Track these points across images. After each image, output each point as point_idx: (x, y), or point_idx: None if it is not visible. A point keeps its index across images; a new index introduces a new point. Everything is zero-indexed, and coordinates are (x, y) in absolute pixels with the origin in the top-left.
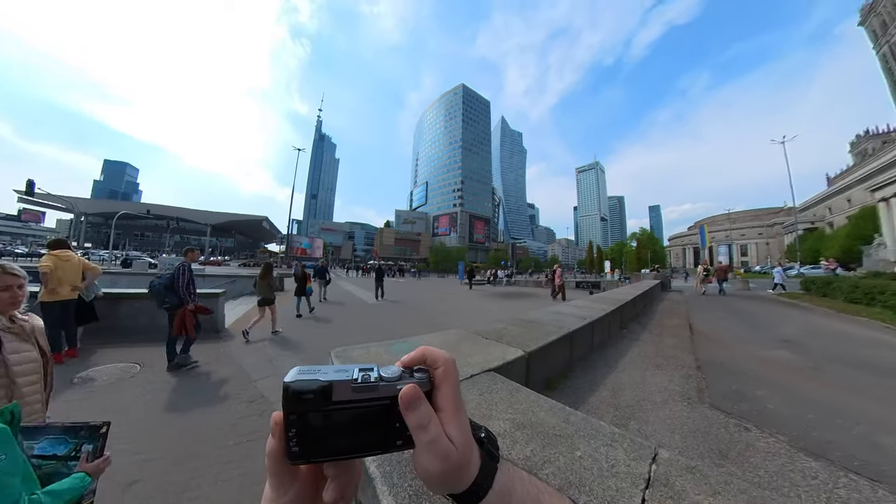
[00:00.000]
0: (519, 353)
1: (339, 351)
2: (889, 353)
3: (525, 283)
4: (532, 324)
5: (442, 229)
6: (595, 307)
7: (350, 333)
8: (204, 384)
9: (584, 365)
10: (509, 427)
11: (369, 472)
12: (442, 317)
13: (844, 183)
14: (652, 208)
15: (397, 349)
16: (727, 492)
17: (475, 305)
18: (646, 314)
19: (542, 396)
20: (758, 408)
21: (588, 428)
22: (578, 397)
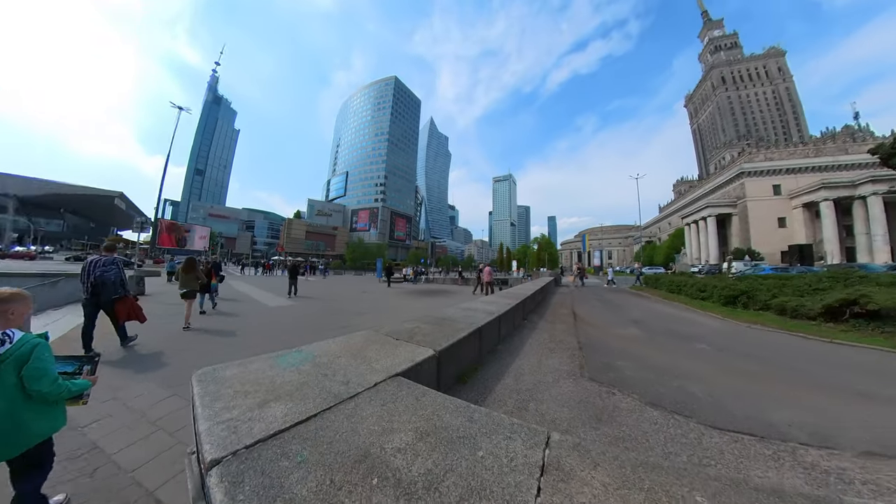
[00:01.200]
0: (429, 352)
1: (205, 373)
2: (687, 324)
3: (443, 280)
4: (445, 321)
5: (361, 224)
6: (502, 302)
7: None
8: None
9: (492, 356)
10: (412, 438)
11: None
12: (356, 317)
13: (667, 211)
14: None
15: (287, 362)
16: (604, 461)
17: (393, 304)
18: (543, 306)
19: (448, 397)
20: (620, 375)
21: (490, 423)
22: (486, 387)
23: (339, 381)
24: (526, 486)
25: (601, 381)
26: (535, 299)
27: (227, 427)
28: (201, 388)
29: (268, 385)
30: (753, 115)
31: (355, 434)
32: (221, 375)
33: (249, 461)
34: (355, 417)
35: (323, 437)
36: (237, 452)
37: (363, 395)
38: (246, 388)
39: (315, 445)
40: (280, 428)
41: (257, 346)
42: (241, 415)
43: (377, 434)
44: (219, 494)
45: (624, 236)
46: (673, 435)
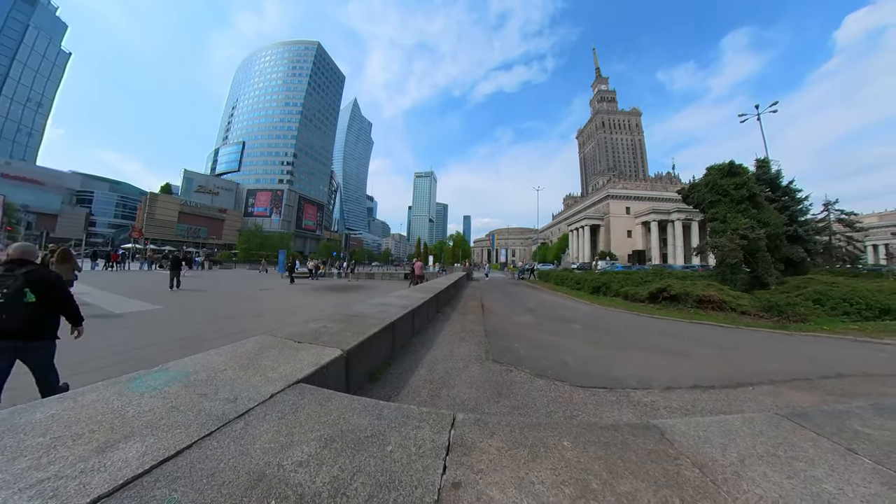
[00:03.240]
0: (336, 352)
1: (9, 414)
2: (568, 310)
3: (357, 275)
4: (356, 318)
5: (260, 208)
6: (416, 296)
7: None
8: None
9: (406, 350)
10: (316, 448)
11: None
12: (252, 320)
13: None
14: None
15: (145, 385)
16: (499, 429)
17: (299, 303)
18: (456, 299)
19: (357, 398)
20: (516, 356)
21: (399, 417)
22: (401, 381)
23: (223, 400)
24: (433, 467)
25: (502, 362)
26: (448, 293)
27: (38, 493)
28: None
29: (112, 421)
30: (619, 153)
31: (245, 457)
32: (25, 421)
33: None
34: (245, 438)
35: (202, 469)
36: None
37: (255, 410)
38: (73, 432)
39: (191, 482)
40: (135, 473)
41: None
42: (66, 470)
43: (274, 452)
44: None
45: (525, 237)
46: (553, 398)
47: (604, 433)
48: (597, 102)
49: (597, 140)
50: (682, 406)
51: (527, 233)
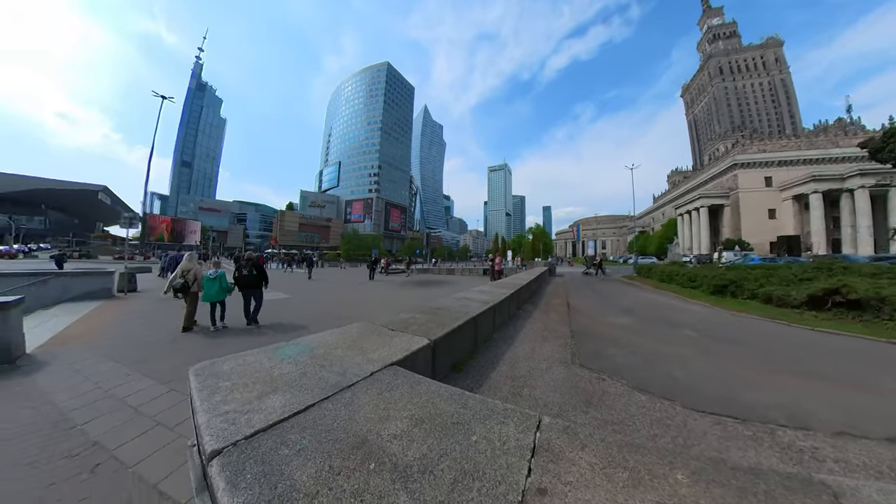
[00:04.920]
0: (424, 341)
1: (203, 367)
2: (677, 312)
3: (438, 270)
4: (440, 311)
5: (355, 215)
6: (497, 292)
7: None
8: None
9: (487, 345)
10: (408, 425)
11: (213, 480)
12: (352, 308)
13: (661, 202)
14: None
15: (284, 354)
16: (592, 443)
17: (387, 295)
18: (537, 296)
19: (443, 385)
20: (610, 363)
21: (484, 409)
22: (482, 375)
23: (336, 372)
24: (517, 467)
25: (592, 368)
26: (529, 289)
27: (225, 419)
28: (199, 382)
29: (265, 377)
30: (749, 106)
31: (353, 422)
32: (219, 370)
33: (249, 451)
34: (352, 406)
35: (321, 425)
36: (237, 443)
37: (360, 384)
38: (244, 381)
39: (314, 434)
40: (279, 418)
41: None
42: (240, 407)
43: (374, 421)
44: (221, 483)
45: (618, 226)
46: (659, 418)
47: (737, 476)
48: (707, 44)
49: (712, 94)
50: (867, 464)
51: (619, 221)
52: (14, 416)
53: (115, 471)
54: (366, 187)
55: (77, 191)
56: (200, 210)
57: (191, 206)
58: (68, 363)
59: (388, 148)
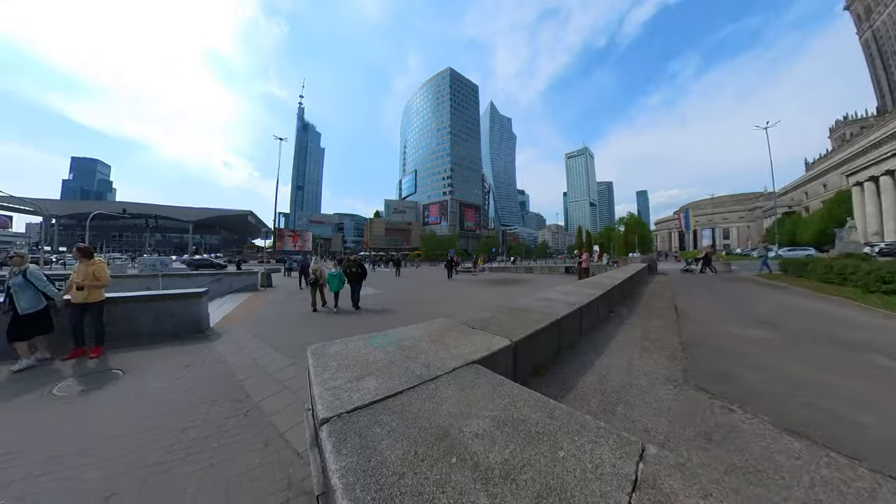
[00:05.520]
0: (505, 342)
1: (317, 348)
2: (854, 328)
3: (516, 269)
4: (520, 311)
5: (432, 218)
6: (583, 292)
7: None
8: (184, 389)
9: (573, 351)
10: (489, 426)
11: (332, 482)
12: (433, 305)
13: (821, 168)
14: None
15: (377, 343)
16: (719, 492)
17: (465, 293)
18: (633, 297)
19: (527, 390)
20: (741, 387)
21: (573, 423)
22: (566, 383)
23: (420, 364)
24: (614, 498)
25: (713, 393)
26: (623, 289)
27: (332, 393)
28: (314, 360)
29: (362, 362)
30: None
31: (436, 414)
32: (328, 351)
33: (350, 424)
34: (436, 398)
35: (408, 412)
36: (341, 415)
37: (442, 378)
38: (346, 363)
39: (401, 419)
40: (373, 399)
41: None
42: (344, 384)
43: (456, 416)
44: (328, 446)
45: (746, 208)
46: (825, 478)
47: None
48: None
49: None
50: None
51: (748, 200)
52: (207, 369)
53: (259, 417)
54: (440, 190)
55: (235, 215)
56: (310, 223)
57: (304, 220)
58: (232, 336)
59: (458, 150)
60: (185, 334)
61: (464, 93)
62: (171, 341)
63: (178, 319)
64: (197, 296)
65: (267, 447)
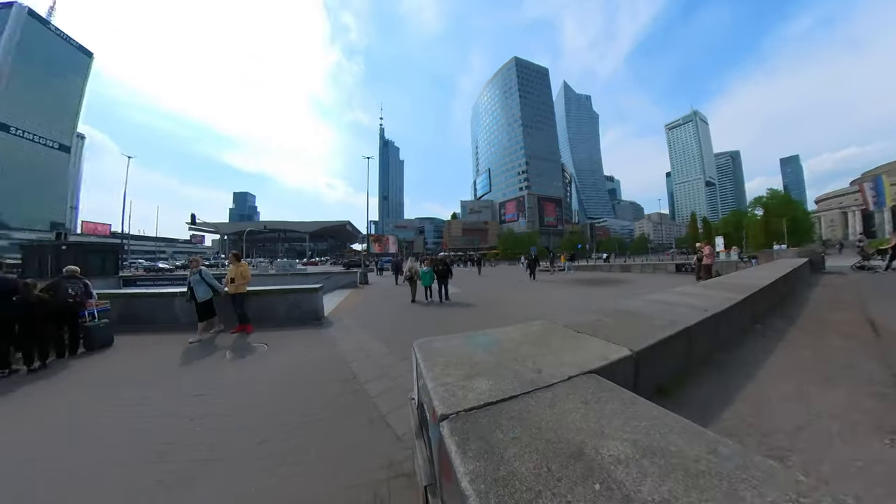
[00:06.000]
0: (624, 352)
1: (422, 343)
2: None
3: (609, 267)
4: (632, 315)
5: (509, 215)
6: (715, 295)
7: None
8: (310, 364)
9: (707, 370)
10: (632, 451)
11: (462, 486)
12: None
13: None
14: (786, 161)
15: (477, 342)
16: None
17: (553, 294)
18: (791, 305)
19: (670, 413)
20: None
21: (751, 468)
22: (705, 412)
23: (529, 368)
24: None
25: None
26: (773, 293)
27: (447, 390)
28: (422, 354)
29: (467, 361)
30: None
31: (561, 426)
32: (433, 346)
33: (470, 424)
34: (556, 408)
35: (528, 420)
36: (458, 413)
37: (558, 386)
38: (452, 360)
39: (523, 426)
40: (488, 401)
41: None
42: (456, 382)
43: (586, 433)
44: (452, 445)
45: None
46: None
47: None
48: None
49: None
50: None
51: None
52: (323, 351)
53: (364, 397)
54: (516, 186)
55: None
56: (395, 228)
57: (390, 226)
58: (341, 325)
59: (532, 142)
60: (307, 321)
61: (532, 80)
62: (297, 326)
63: (302, 309)
64: (314, 290)
65: (372, 425)
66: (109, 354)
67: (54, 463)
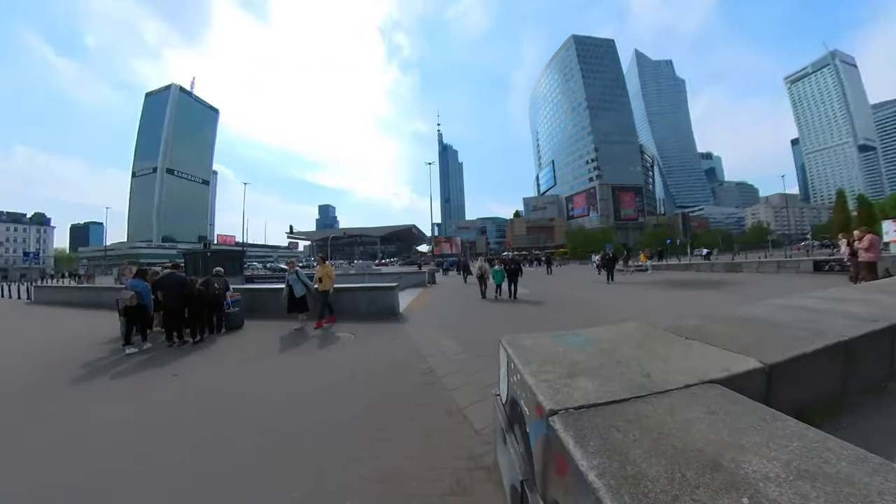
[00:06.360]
0: (752, 363)
1: (511, 340)
2: None
3: (711, 266)
4: (756, 323)
5: (578, 210)
6: (886, 302)
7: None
8: (391, 355)
9: (878, 401)
10: (783, 471)
11: (588, 479)
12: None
13: None
14: None
15: (569, 341)
16: None
17: (634, 296)
18: None
19: (833, 437)
20: None
21: None
22: (876, 452)
23: (637, 372)
24: None
25: None
26: None
27: (549, 386)
28: (514, 350)
29: (563, 360)
30: None
31: (686, 435)
32: (521, 343)
33: (582, 421)
34: (677, 416)
35: (647, 426)
36: (568, 410)
37: (675, 393)
38: (547, 358)
39: (642, 430)
40: (597, 401)
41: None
42: (557, 380)
43: (718, 445)
44: (569, 440)
45: None
46: None
47: None
48: None
49: None
50: None
51: None
52: (403, 343)
53: (441, 389)
54: (585, 177)
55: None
56: (458, 229)
57: (452, 227)
58: (416, 320)
59: (601, 124)
60: (384, 316)
61: (596, 55)
62: (377, 320)
63: (381, 305)
64: (391, 288)
65: (450, 417)
66: (242, 334)
67: (216, 398)
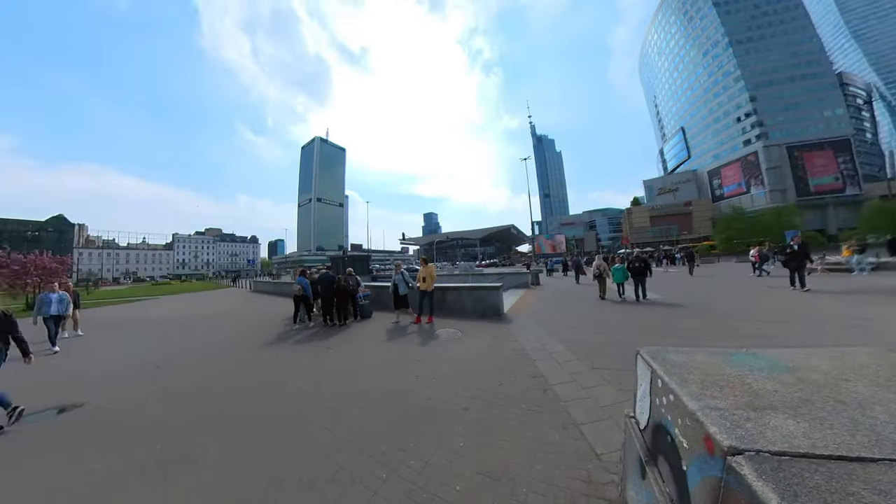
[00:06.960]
0: None
1: (654, 352)
2: None
3: None
4: None
5: (729, 187)
6: None
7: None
8: (498, 356)
9: None
10: None
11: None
12: (773, 326)
13: None
14: None
15: (744, 362)
16: None
17: (843, 311)
18: None
19: None
20: None
21: None
22: None
23: (882, 421)
24: None
25: None
26: None
27: (724, 418)
28: (661, 366)
29: (737, 384)
30: None
31: None
32: (670, 358)
33: (789, 474)
34: None
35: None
36: (759, 453)
37: None
38: (710, 381)
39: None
40: (810, 452)
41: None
42: (734, 411)
43: None
44: (770, 493)
45: None
46: None
47: None
48: None
49: None
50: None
51: None
52: (508, 344)
53: (554, 398)
54: (737, 140)
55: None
56: (561, 226)
57: (555, 225)
58: (520, 322)
59: (757, 62)
60: (490, 315)
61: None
62: (482, 319)
63: (486, 304)
64: (496, 288)
65: (565, 430)
66: (371, 323)
67: (358, 365)
